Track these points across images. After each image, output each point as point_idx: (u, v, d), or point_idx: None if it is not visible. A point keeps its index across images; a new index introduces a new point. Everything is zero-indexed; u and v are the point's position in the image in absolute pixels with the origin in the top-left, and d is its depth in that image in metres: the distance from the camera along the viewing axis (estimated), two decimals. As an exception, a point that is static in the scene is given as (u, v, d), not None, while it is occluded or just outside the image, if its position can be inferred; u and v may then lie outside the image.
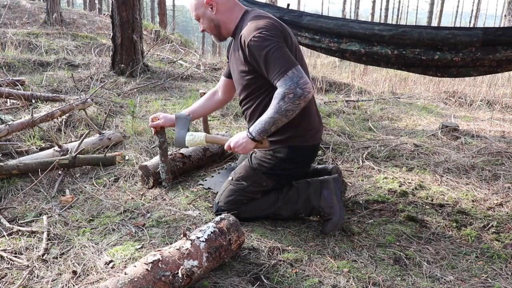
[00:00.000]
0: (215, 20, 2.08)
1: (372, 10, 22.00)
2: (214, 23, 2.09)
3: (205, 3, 2.05)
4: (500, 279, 1.76)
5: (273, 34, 1.89)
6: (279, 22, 2.01)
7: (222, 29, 2.11)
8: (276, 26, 1.95)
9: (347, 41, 3.44)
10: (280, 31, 1.94)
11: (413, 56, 3.13)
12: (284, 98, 1.82)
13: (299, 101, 1.82)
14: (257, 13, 2.03)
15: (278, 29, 1.94)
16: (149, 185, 2.56)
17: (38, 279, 1.69)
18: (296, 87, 1.80)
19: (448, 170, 2.97)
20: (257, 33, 1.88)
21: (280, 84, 1.84)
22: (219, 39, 2.17)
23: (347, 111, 4.65)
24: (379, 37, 3.23)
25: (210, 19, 2.09)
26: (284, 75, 1.83)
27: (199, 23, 2.15)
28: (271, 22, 1.95)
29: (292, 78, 1.81)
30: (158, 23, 16.67)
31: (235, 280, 1.69)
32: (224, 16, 2.07)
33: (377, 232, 2.13)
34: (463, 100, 5.53)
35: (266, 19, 1.96)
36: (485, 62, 2.91)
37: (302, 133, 2.08)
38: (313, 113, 2.13)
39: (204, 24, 2.13)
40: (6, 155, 2.89)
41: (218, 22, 2.09)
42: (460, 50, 2.96)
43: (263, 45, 1.86)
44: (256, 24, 1.92)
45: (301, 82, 1.81)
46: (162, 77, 5.71)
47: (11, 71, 5.38)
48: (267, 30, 1.89)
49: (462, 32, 2.96)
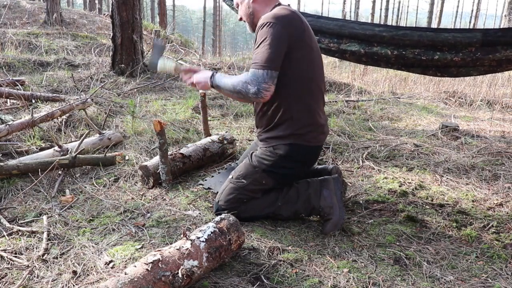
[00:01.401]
0: (251, 8, 2.16)
1: (372, 10, 21.98)
2: (250, 11, 2.17)
3: None
4: (500, 279, 1.76)
5: (282, 29, 1.95)
6: (300, 18, 2.05)
7: (255, 18, 2.17)
8: (292, 22, 2.00)
9: (346, 41, 3.44)
10: (295, 27, 2.00)
11: (413, 57, 3.14)
12: (243, 82, 1.97)
13: (249, 95, 1.98)
14: (285, 6, 2.11)
15: (294, 25, 2.00)
16: (149, 185, 2.56)
17: (38, 279, 1.69)
18: (255, 85, 1.95)
19: (448, 170, 2.97)
20: (271, 20, 1.96)
21: (250, 72, 1.98)
22: (252, 28, 2.22)
23: (347, 111, 4.65)
24: (379, 38, 3.24)
25: (247, 6, 2.18)
26: (257, 69, 1.95)
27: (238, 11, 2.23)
28: (292, 16, 2.01)
29: (258, 77, 1.95)
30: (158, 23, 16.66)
31: (235, 280, 1.69)
32: (260, 6, 2.15)
33: (377, 232, 2.13)
34: (463, 100, 5.53)
35: (288, 12, 2.02)
36: (485, 62, 2.92)
37: (303, 131, 2.07)
38: (316, 112, 2.13)
39: (242, 11, 2.21)
40: (6, 155, 2.89)
41: (253, 10, 2.16)
42: (460, 50, 2.97)
43: (267, 33, 1.95)
44: (276, 12, 2.00)
45: (263, 86, 1.95)
46: (162, 77, 5.71)
47: (11, 71, 5.38)
48: (281, 22, 1.96)
49: (463, 34, 2.98)
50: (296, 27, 2.00)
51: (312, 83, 2.09)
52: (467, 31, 3.06)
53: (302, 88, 2.06)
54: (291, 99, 2.05)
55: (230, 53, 7.81)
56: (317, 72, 2.11)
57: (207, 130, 3.34)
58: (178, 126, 3.65)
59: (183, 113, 4.08)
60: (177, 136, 3.40)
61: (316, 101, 2.12)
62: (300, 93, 2.05)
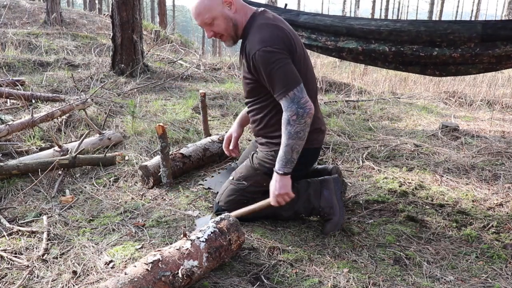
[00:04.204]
0: (234, 19, 1.94)
1: (372, 10, 21.99)
2: (233, 23, 1.94)
3: (223, 1, 1.90)
4: (500, 279, 1.76)
5: (278, 48, 1.85)
6: (284, 31, 1.93)
7: (239, 29, 1.97)
8: (281, 37, 1.88)
9: (344, 39, 3.41)
10: (285, 43, 1.88)
11: (411, 53, 3.10)
12: (289, 123, 1.85)
13: (304, 119, 1.85)
14: (264, 20, 1.94)
15: (283, 40, 1.88)
16: (149, 185, 2.56)
17: (38, 279, 1.69)
18: (297, 107, 1.84)
19: (448, 170, 2.97)
20: (262, 47, 1.83)
21: (283, 105, 1.87)
22: (234, 41, 2.03)
23: (347, 111, 4.65)
24: (376, 34, 3.20)
25: (228, 19, 1.93)
26: (286, 95, 1.85)
27: (209, 28, 1.94)
28: (276, 34, 1.88)
29: (293, 100, 1.84)
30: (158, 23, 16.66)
31: (235, 280, 1.69)
32: (240, 15, 1.96)
33: (377, 232, 2.13)
34: (463, 100, 5.53)
35: (271, 29, 1.90)
36: (484, 58, 2.88)
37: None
38: (316, 116, 2.12)
39: (220, 26, 1.93)
40: (6, 155, 2.89)
41: (236, 21, 1.95)
42: (459, 46, 2.92)
43: (267, 61, 1.84)
44: (261, 36, 1.87)
45: (302, 102, 1.85)
46: (162, 77, 5.71)
47: (11, 71, 5.38)
48: (271, 44, 1.84)
49: (461, 25, 2.92)
50: (287, 44, 1.89)
51: (308, 86, 2.05)
52: (466, 22, 3.02)
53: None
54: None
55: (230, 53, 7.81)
56: (310, 74, 2.07)
57: (207, 130, 3.34)
58: (178, 126, 3.65)
59: (183, 113, 4.08)
60: (177, 136, 3.40)
61: (313, 101, 2.10)
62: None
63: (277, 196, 1.92)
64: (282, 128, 1.89)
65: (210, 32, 1.96)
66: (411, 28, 3.04)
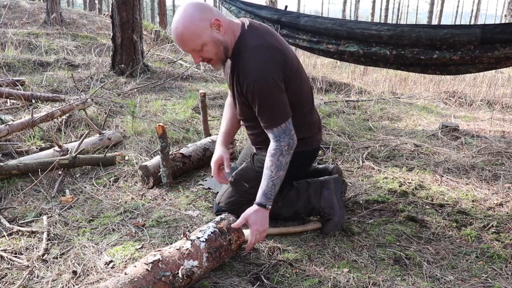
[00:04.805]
0: (224, 42, 1.77)
1: (372, 10, 21.98)
2: (223, 46, 1.78)
3: (211, 25, 1.71)
4: (500, 279, 1.76)
5: (273, 78, 1.77)
6: (277, 49, 1.82)
7: (229, 50, 1.82)
8: (277, 61, 1.80)
9: (345, 42, 3.43)
10: (280, 66, 1.80)
11: (412, 56, 3.12)
12: (283, 153, 1.82)
13: (293, 150, 1.86)
14: (256, 41, 1.81)
15: (278, 64, 1.80)
16: (149, 185, 2.56)
17: (38, 279, 1.69)
18: (289, 139, 1.83)
19: (448, 170, 2.97)
20: (258, 78, 1.75)
21: (273, 136, 1.84)
22: (223, 63, 1.91)
23: (347, 111, 4.65)
24: (377, 38, 3.22)
25: (218, 43, 1.75)
26: (278, 126, 1.82)
27: (197, 54, 1.77)
28: (272, 58, 1.79)
29: (285, 131, 1.83)
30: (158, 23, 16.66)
31: (235, 280, 1.69)
32: (228, 36, 1.79)
33: (377, 232, 2.13)
34: (463, 100, 5.53)
35: (266, 53, 1.78)
36: (484, 59, 2.90)
37: (303, 138, 2.07)
38: (314, 119, 2.13)
39: (210, 52, 1.76)
40: (6, 155, 2.89)
41: (226, 43, 1.78)
42: (459, 49, 2.96)
43: (263, 94, 1.78)
44: (256, 64, 1.76)
45: (292, 134, 1.84)
46: (162, 77, 5.71)
47: (11, 71, 5.38)
48: (267, 73, 1.76)
49: (461, 30, 2.95)
50: (282, 64, 1.81)
51: (303, 93, 2.02)
52: (465, 27, 3.05)
53: (299, 107, 1.99)
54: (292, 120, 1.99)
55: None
56: (303, 78, 2.03)
57: (207, 130, 3.34)
58: (178, 126, 3.65)
59: (183, 113, 4.08)
60: (177, 136, 3.40)
61: (309, 103, 2.09)
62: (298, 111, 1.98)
63: (261, 232, 1.81)
64: (271, 158, 1.83)
65: (199, 58, 1.78)
66: (412, 34, 3.07)
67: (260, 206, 1.83)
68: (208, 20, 1.71)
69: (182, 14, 1.71)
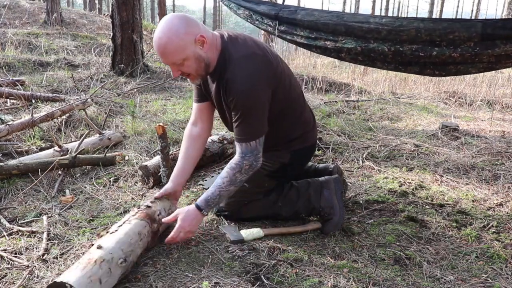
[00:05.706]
0: (206, 58, 1.75)
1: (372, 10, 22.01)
2: (205, 63, 1.76)
3: (196, 40, 1.69)
4: (500, 279, 1.76)
5: (259, 87, 1.76)
6: (259, 55, 1.80)
7: (210, 67, 1.80)
8: (263, 69, 1.79)
9: (342, 38, 3.39)
10: (263, 70, 1.79)
11: (411, 53, 3.06)
12: (241, 170, 1.83)
13: (252, 171, 1.86)
14: (240, 52, 1.78)
15: (264, 73, 1.79)
16: (149, 185, 2.56)
17: (38, 279, 1.69)
18: (254, 160, 1.83)
19: (448, 170, 2.97)
20: (244, 88, 1.73)
21: (240, 151, 1.83)
22: (203, 79, 1.89)
23: (347, 111, 4.65)
24: (375, 33, 3.16)
25: (200, 59, 1.73)
26: (248, 143, 1.81)
27: (176, 68, 1.75)
28: (257, 67, 1.77)
29: (252, 151, 1.83)
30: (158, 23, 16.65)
31: (235, 280, 1.69)
32: (211, 51, 1.77)
33: (377, 232, 2.13)
34: (463, 100, 5.53)
35: (251, 63, 1.76)
36: (484, 57, 2.86)
37: (300, 136, 2.10)
38: (307, 116, 2.15)
39: (191, 67, 1.75)
40: (6, 155, 2.89)
41: (208, 60, 1.77)
42: (459, 45, 2.90)
43: (245, 103, 1.76)
44: (241, 73, 1.74)
45: (259, 156, 1.85)
46: (162, 77, 5.71)
47: (11, 71, 5.38)
48: (252, 82, 1.74)
49: (461, 24, 2.89)
50: (268, 72, 1.80)
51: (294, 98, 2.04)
52: (466, 21, 3.01)
53: (291, 107, 2.01)
54: (285, 124, 2.02)
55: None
56: (288, 74, 2.02)
57: (207, 130, 3.33)
58: (178, 126, 3.65)
59: (183, 113, 4.08)
60: (177, 136, 3.40)
61: (300, 103, 2.10)
62: (290, 111, 2.01)
63: (187, 232, 1.83)
64: (228, 171, 1.83)
65: (177, 71, 1.77)
66: (411, 26, 3.01)
67: (197, 208, 1.85)
68: (193, 35, 1.69)
69: (167, 25, 1.68)
